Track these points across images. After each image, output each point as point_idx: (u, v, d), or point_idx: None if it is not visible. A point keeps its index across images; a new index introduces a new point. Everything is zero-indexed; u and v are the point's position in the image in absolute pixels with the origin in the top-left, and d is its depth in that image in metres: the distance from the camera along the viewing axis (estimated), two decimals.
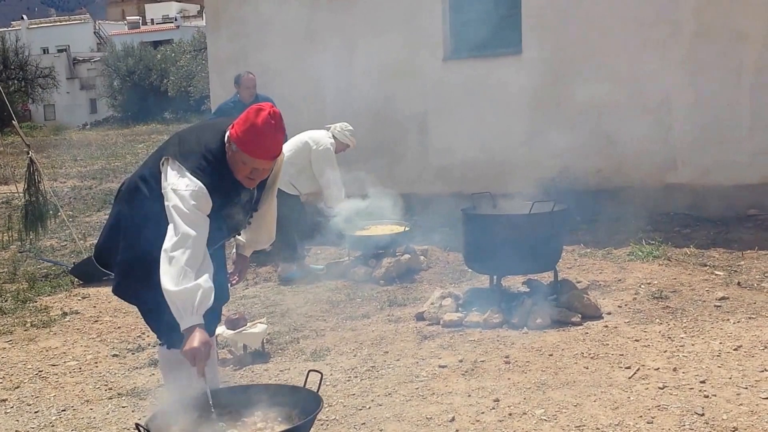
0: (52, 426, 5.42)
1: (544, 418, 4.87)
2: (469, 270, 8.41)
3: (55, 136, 39.43)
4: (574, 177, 10.40)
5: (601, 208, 9.94)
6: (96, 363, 6.65)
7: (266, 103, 4.03)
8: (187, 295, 3.76)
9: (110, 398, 5.82)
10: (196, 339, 3.81)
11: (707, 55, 9.62)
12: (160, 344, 4.57)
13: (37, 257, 11.08)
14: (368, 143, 10.18)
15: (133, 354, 6.82)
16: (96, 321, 7.91)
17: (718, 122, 9.66)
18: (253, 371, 6.10)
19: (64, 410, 5.67)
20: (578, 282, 7.31)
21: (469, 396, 5.28)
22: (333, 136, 8.90)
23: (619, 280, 7.67)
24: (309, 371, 4.26)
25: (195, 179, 3.89)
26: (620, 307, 6.90)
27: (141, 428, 3.79)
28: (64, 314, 8.16)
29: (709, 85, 9.66)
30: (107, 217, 4.72)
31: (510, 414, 4.97)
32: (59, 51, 60.55)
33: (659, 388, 5.12)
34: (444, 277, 8.55)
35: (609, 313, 6.73)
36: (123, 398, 5.79)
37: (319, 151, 8.76)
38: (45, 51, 61.89)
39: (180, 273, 3.77)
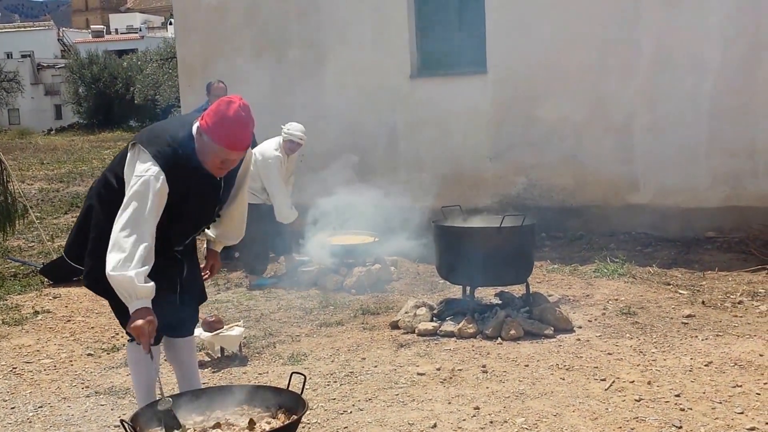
0: (30, 422, 5.24)
1: (525, 426, 4.80)
2: (440, 281, 8.36)
3: (20, 139, 38.76)
4: (539, 194, 10.40)
5: (566, 224, 9.95)
6: (71, 361, 6.46)
7: (235, 96, 4.00)
8: (127, 282, 3.74)
9: (88, 396, 5.64)
10: (140, 317, 3.79)
11: (666, 80, 9.66)
12: (129, 340, 4.45)
13: (4, 257, 10.79)
14: (337, 154, 10.05)
15: (108, 354, 6.63)
16: (69, 321, 7.70)
17: (678, 145, 9.70)
18: (231, 374, 5.95)
19: (41, 407, 5.48)
20: (550, 296, 7.27)
21: (449, 403, 5.19)
22: (282, 137, 8.71)
23: (588, 295, 7.64)
24: (292, 373, 4.16)
25: (154, 164, 3.84)
26: (590, 321, 6.86)
27: (125, 425, 3.65)
28: (36, 313, 7.94)
29: (668, 108, 9.70)
30: (76, 218, 4.60)
31: (491, 422, 4.89)
32: (23, 56, 59.55)
33: (636, 400, 5.08)
34: (415, 288, 8.47)
35: (580, 327, 6.69)
36: (101, 396, 5.61)
37: (259, 162, 8.48)
38: (9, 56, 60.87)
39: (123, 257, 3.75)
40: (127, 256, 3.73)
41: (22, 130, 45.64)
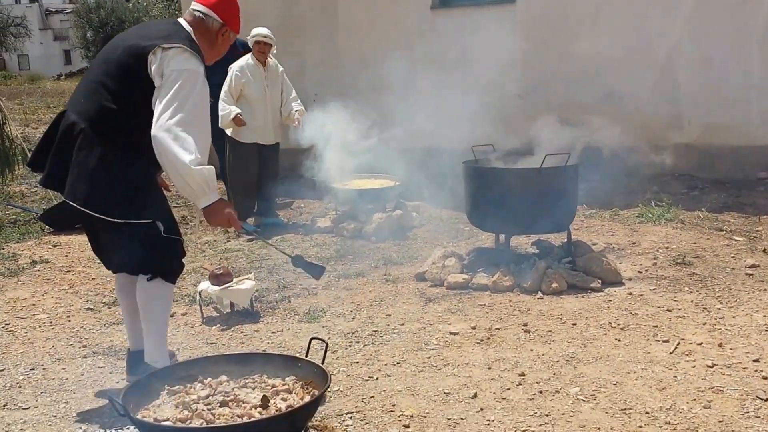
0: (19, 387, 4.63)
1: (581, 397, 4.15)
2: (466, 228, 7.69)
3: (29, 85, 38.09)
4: (573, 134, 9.63)
5: (604, 166, 9.20)
6: (68, 317, 5.84)
7: None
8: (206, 175, 3.61)
9: (84, 357, 5.03)
10: (225, 206, 3.77)
11: (714, 12, 8.84)
12: (148, 279, 4.09)
13: (5, 202, 10.17)
14: (353, 94, 9.31)
15: (109, 308, 6.01)
16: (68, 271, 7.07)
17: (727, 81, 8.91)
18: (242, 332, 5.32)
19: (33, 369, 4.87)
20: (593, 244, 6.59)
21: (489, 368, 4.54)
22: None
23: (634, 243, 6.96)
24: (311, 339, 3.51)
25: (197, 59, 3.78)
26: (641, 272, 6.19)
27: (115, 404, 3.01)
28: (34, 263, 7.31)
29: (715, 42, 8.89)
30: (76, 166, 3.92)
31: (540, 392, 4.24)
32: (31, 1, 58.62)
33: (708, 366, 4.42)
34: (439, 235, 7.80)
35: (630, 279, 6.02)
36: (99, 357, 5.00)
37: None
38: (17, 1, 59.93)
39: (193, 151, 3.57)
40: (197, 150, 3.57)
41: (32, 76, 44.99)
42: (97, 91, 3.85)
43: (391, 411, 4.08)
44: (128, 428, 3.77)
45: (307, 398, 3.30)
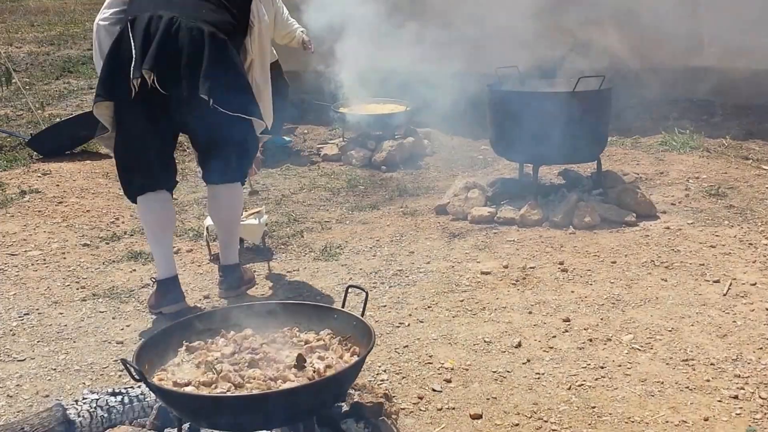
0: (13, 334, 4.21)
1: (637, 346, 3.77)
2: (480, 156, 7.24)
3: (11, 2, 36.81)
4: (586, 56, 9.09)
5: (619, 90, 8.70)
6: (63, 254, 5.38)
7: None
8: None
9: (84, 299, 4.59)
10: None
11: None
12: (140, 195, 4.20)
13: None
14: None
15: (107, 244, 5.55)
16: (60, 202, 6.56)
17: (748, 2, 8.35)
18: (254, 271, 4.89)
19: (28, 314, 4.44)
20: (624, 174, 6.15)
21: (530, 313, 4.14)
22: None
23: (661, 173, 6.54)
24: (348, 287, 3.06)
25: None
26: (674, 204, 5.77)
27: (130, 368, 2.58)
28: (23, 193, 6.79)
29: None
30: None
31: (590, 339, 3.85)
32: None
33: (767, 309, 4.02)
34: (452, 164, 7.34)
35: (664, 212, 5.61)
36: (99, 300, 4.56)
37: None
38: None
39: None
40: None
41: None
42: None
43: (429, 363, 3.68)
44: (139, 386, 3.34)
45: (347, 356, 2.88)
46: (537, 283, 4.52)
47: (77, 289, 4.78)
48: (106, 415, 3.20)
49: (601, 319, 4.05)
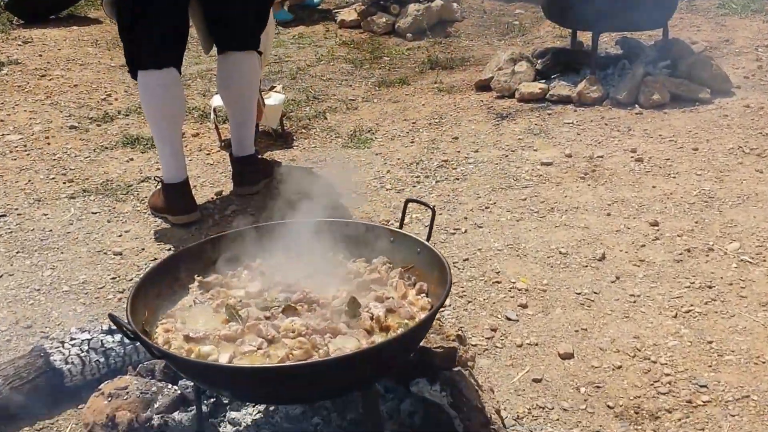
0: None
1: (746, 258, 3.09)
2: (516, 21, 6.40)
3: None
4: None
5: None
6: (47, 138, 4.63)
7: None
8: None
9: (72, 197, 3.88)
10: None
11: None
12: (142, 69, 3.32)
13: None
14: None
15: (98, 126, 4.80)
16: (43, 76, 5.75)
17: None
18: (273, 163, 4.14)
19: (4, 216, 3.75)
20: (693, 43, 5.33)
21: (609, 215, 3.44)
22: None
23: (726, 40, 5.73)
24: (407, 201, 2.32)
25: None
26: (747, 78, 5.02)
27: (123, 326, 1.87)
28: (0, 65, 5.95)
29: None
30: None
31: (688, 250, 3.16)
32: None
33: None
34: (485, 30, 6.52)
35: (738, 87, 4.84)
36: (91, 198, 3.85)
37: None
38: None
39: None
40: None
41: None
42: None
43: (497, 282, 3.00)
44: None
45: (412, 294, 2.17)
46: (610, 176, 3.80)
47: (64, 183, 4.05)
48: (102, 359, 2.55)
49: (696, 222, 3.35)
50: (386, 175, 3.91)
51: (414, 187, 3.78)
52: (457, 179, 3.85)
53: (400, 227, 2.35)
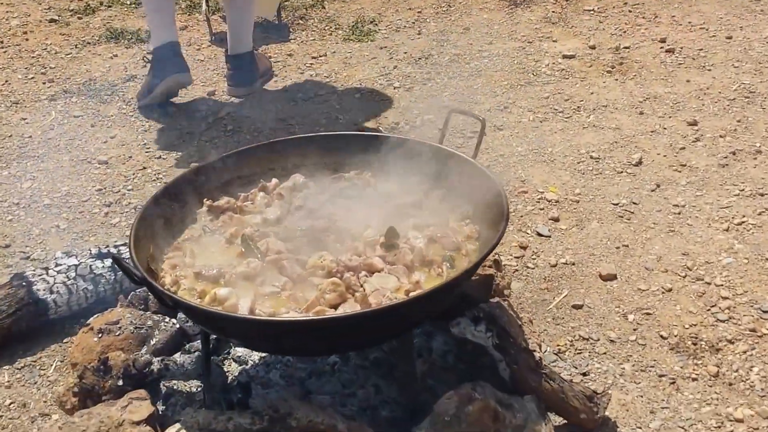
0: None
1: None
2: None
3: None
4: None
5: None
6: (25, 33, 4.23)
7: None
8: None
9: (52, 98, 3.52)
10: None
11: None
12: None
13: None
14: None
15: (79, 19, 4.40)
16: None
17: None
18: (270, 57, 3.75)
19: None
20: None
21: (641, 113, 3.09)
22: None
23: None
24: (450, 111, 1.98)
25: None
26: None
27: (127, 268, 1.56)
28: None
29: None
30: None
31: (733, 153, 2.83)
32: None
33: None
34: None
35: None
36: (73, 100, 3.48)
37: None
38: None
39: None
40: None
41: None
42: None
43: (523, 191, 2.66)
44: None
45: (454, 220, 1.84)
46: (639, 69, 3.43)
47: (44, 83, 3.67)
48: (90, 286, 2.23)
49: (738, 121, 3.01)
50: (393, 72, 3.54)
51: (425, 84, 3.41)
52: (472, 75, 3.47)
53: (440, 142, 2.00)
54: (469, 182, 1.84)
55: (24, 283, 2.17)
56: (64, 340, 2.16)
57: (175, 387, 1.81)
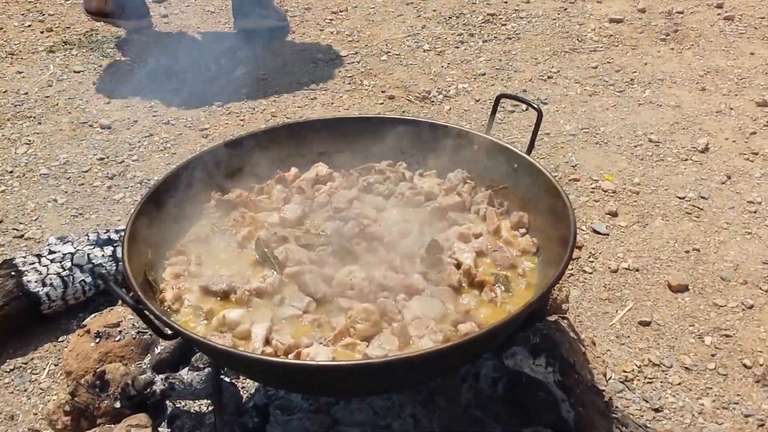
0: None
1: None
2: None
3: None
4: None
5: None
6: None
7: None
8: None
9: (50, 49, 3.18)
10: None
11: None
12: None
13: None
14: None
15: None
16: None
17: None
18: (287, 11, 3.37)
19: None
20: None
21: (703, 89, 2.73)
22: None
23: None
24: (499, 97, 1.63)
25: None
26: None
27: (120, 295, 1.22)
28: None
29: None
30: None
31: None
32: None
33: None
34: None
35: None
36: (73, 53, 3.14)
37: None
38: None
39: None
40: None
41: None
42: None
43: (574, 178, 2.33)
44: None
45: (506, 228, 1.51)
46: (696, 38, 3.07)
47: (41, 32, 3.32)
48: (88, 278, 1.92)
49: None
50: (421, 32, 3.17)
51: (457, 48, 3.05)
52: (509, 38, 3.11)
53: (488, 132, 1.65)
54: (524, 183, 1.50)
55: (13, 273, 1.86)
56: (60, 339, 1.87)
57: (181, 407, 1.50)
